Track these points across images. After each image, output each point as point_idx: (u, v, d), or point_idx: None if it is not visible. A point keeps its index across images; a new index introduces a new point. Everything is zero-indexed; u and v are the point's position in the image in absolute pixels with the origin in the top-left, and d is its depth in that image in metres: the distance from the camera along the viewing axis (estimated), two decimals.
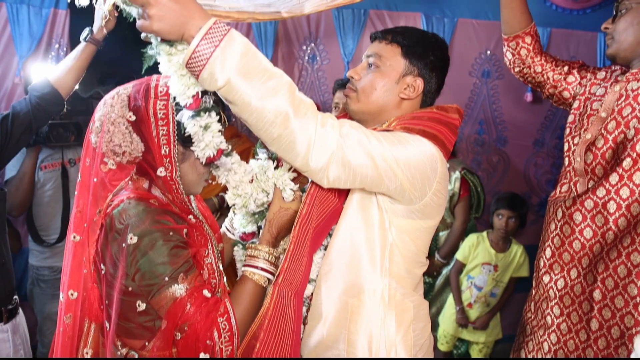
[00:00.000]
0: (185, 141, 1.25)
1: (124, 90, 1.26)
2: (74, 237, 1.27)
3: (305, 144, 1.19)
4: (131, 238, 1.15)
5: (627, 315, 1.65)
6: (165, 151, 1.23)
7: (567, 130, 1.91)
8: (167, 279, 1.15)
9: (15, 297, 2.13)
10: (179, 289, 1.16)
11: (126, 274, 1.16)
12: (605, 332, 1.71)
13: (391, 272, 1.40)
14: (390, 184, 1.30)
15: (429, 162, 1.34)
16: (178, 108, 1.23)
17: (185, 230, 1.23)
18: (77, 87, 2.21)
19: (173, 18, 1.09)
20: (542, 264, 1.94)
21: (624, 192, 1.68)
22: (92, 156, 1.26)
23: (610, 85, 1.82)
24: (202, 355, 1.16)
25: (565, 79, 1.99)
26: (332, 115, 1.28)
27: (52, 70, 2.16)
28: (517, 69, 2.12)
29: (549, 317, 1.90)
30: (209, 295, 1.20)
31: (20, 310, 2.18)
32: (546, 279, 1.92)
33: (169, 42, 1.14)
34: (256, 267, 1.29)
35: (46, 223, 2.79)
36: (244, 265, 1.31)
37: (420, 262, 1.48)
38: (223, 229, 1.61)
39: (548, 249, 1.92)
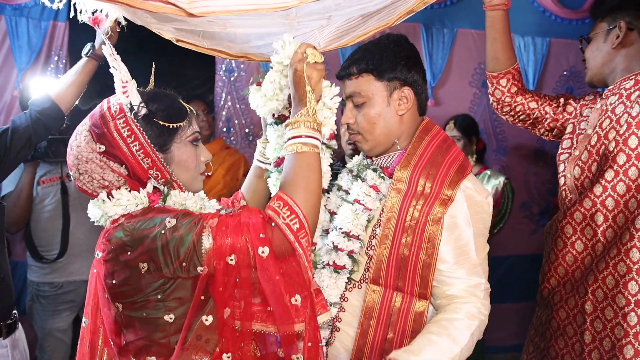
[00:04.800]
0: (162, 145, 1.23)
1: (82, 126, 1.24)
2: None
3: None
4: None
5: (617, 326, 1.66)
6: (147, 164, 1.21)
7: (563, 154, 1.93)
8: (188, 229, 1.12)
9: (15, 311, 2.10)
10: (206, 238, 1.11)
11: (151, 271, 1.12)
12: (598, 344, 1.72)
13: None
14: None
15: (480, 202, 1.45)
16: (137, 118, 1.20)
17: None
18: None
19: None
20: (541, 278, 1.96)
21: (609, 203, 1.71)
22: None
23: (595, 104, 1.87)
24: (261, 250, 1.09)
25: (564, 110, 1.97)
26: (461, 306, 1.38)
27: (52, 85, 2.15)
28: (506, 109, 2.04)
29: (547, 332, 1.92)
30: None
31: (20, 325, 2.15)
32: (545, 293, 1.94)
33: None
34: (299, 137, 1.24)
35: (46, 239, 2.75)
36: (287, 147, 1.26)
37: None
38: (256, 163, 1.61)
39: (546, 263, 1.94)
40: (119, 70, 1.22)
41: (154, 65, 1.35)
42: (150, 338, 1.18)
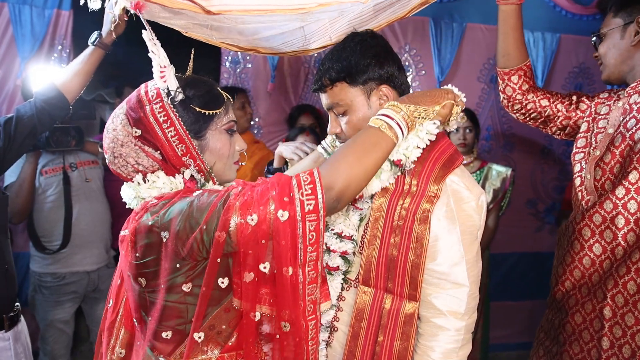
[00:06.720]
0: (197, 132, 1.23)
1: (119, 110, 1.25)
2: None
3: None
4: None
5: (637, 333, 1.63)
6: (181, 150, 1.21)
7: (578, 154, 1.88)
8: (213, 197, 1.10)
9: (17, 304, 2.08)
10: (230, 197, 1.10)
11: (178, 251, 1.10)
12: (617, 350, 1.68)
13: None
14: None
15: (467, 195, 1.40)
16: (174, 103, 1.21)
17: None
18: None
19: None
20: (554, 281, 1.92)
21: (632, 206, 1.66)
22: None
23: (613, 102, 1.82)
24: (280, 213, 1.06)
25: (577, 107, 1.92)
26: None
27: (58, 74, 2.12)
28: (517, 106, 1.99)
29: (561, 336, 1.88)
30: None
31: (22, 318, 2.13)
32: (559, 296, 1.89)
33: None
34: (390, 118, 1.23)
35: (48, 230, 2.74)
36: (372, 119, 1.26)
37: None
38: (319, 150, 1.64)
39: (560, 266, 1.89)
40: (158, 55, 1.21)
41: (192, 52, 1.34)
42: (168, 324, 1.16)
